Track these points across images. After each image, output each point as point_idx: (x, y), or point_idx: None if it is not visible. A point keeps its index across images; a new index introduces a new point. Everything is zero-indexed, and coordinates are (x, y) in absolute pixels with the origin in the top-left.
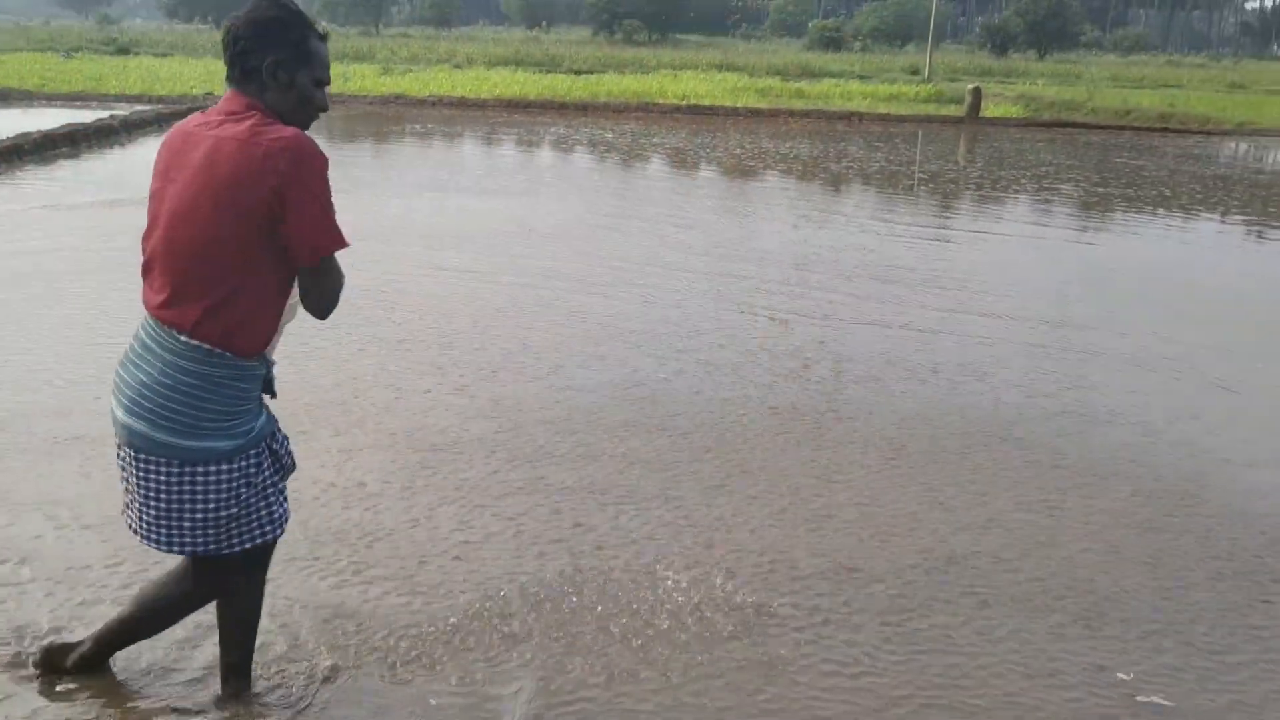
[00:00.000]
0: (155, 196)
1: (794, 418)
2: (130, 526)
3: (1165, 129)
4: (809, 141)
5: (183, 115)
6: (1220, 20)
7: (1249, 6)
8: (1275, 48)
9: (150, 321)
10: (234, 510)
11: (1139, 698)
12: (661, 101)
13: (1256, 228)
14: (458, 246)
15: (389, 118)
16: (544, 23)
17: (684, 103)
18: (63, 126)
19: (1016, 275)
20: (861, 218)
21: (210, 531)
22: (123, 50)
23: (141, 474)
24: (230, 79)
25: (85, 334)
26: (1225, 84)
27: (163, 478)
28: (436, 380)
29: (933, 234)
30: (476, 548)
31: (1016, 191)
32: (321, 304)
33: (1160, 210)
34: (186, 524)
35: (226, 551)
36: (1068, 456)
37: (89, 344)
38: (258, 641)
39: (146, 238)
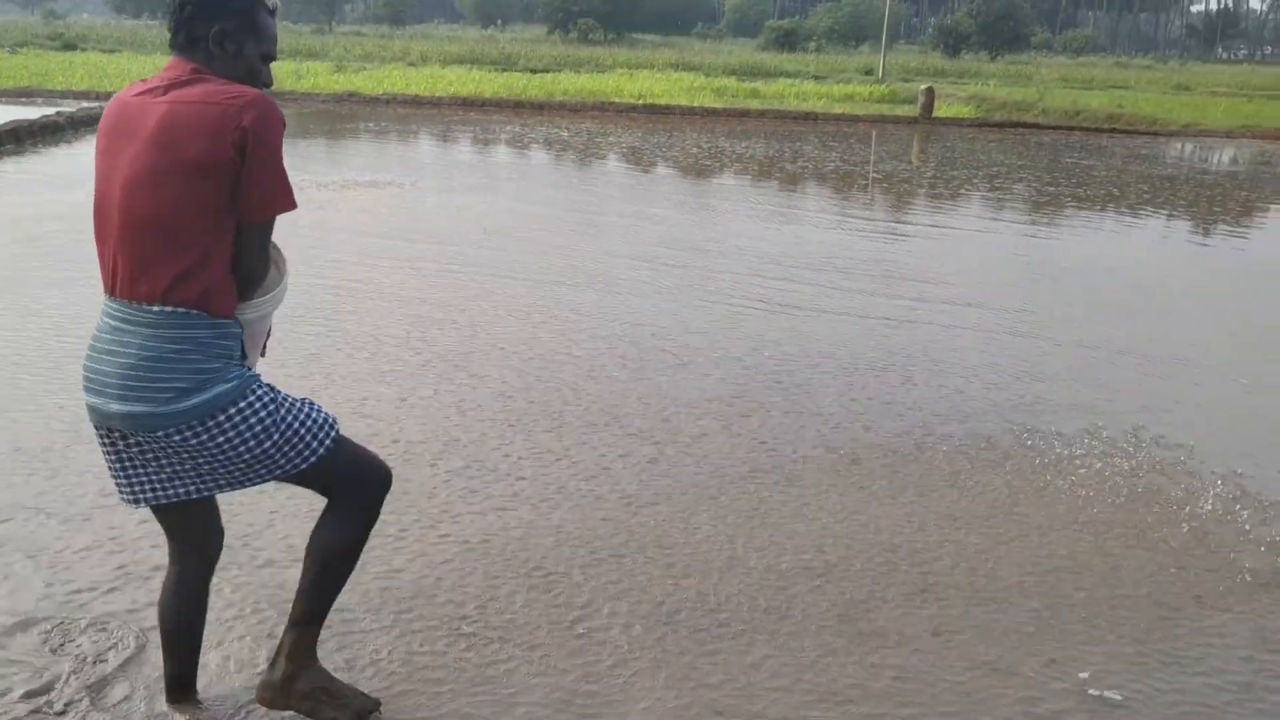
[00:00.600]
0: (102, 175)
1: (753, 411)
2: (181, 495)
3: (1114, 129)
4: (765, 141)
5: None
6: (1166, 23)
7: (1194, 10)
8: (1220, 50)
9: (115, 303)
10: (277, 436)
11: (1091, 691)
12: (618, 100)
13: (1202, 226)
14: (421, 243)
15: (343, 116)
16: (499, 21)
17: (640, 102)
18: (7, 123)
19: (973, 270)
20: (820, 215)
21: (269, 461)
22: (69, 46)
23: (173, 448)
24: (175, 45)
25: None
26: (1171, 85)
27: (194, 440)
28: (404, 381)
29: (889, 230)
30: (417, 560)
31: (969, 190)
32: (257, 267)
33: (1110, 208)
34: (243, 463)
35: (296, 472)
36: (1026, 451)
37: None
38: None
39: (99, 220)
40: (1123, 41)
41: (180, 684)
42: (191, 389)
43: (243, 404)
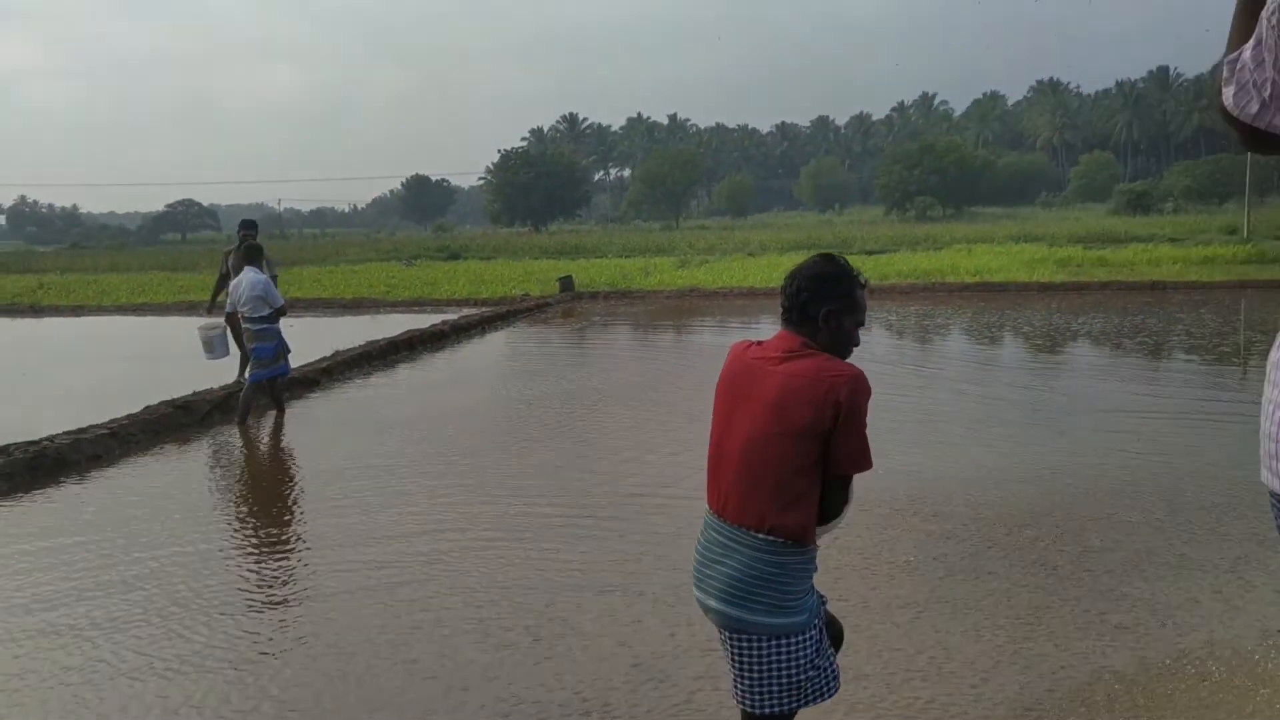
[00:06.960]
0: (724, 415)
1: None
2: (736, 699)
3: None
4: (1103, 315)
5: (503, 317)
6: None
7: None
8: None
9: (724, 525)
10: (811, 674)
11: None
12: (950, 280)
13: None
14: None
15: (684, 310)
16: (837, 205)
17: (974, 280)
18: (403, 333)
19: None
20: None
21: (793, 693)
22: (454, 255)
23: (738, 650)
24: (789, 321)
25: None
26: None
27: (756, 651)
28: None
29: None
30: None
31: None
32: (834, 507)
33: None
34: (775, 688)
35: (799, 707)
36: None
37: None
38: None
39: (716, 458)
40: None
41: None
42: (777, 607)
43: (800, 636)
